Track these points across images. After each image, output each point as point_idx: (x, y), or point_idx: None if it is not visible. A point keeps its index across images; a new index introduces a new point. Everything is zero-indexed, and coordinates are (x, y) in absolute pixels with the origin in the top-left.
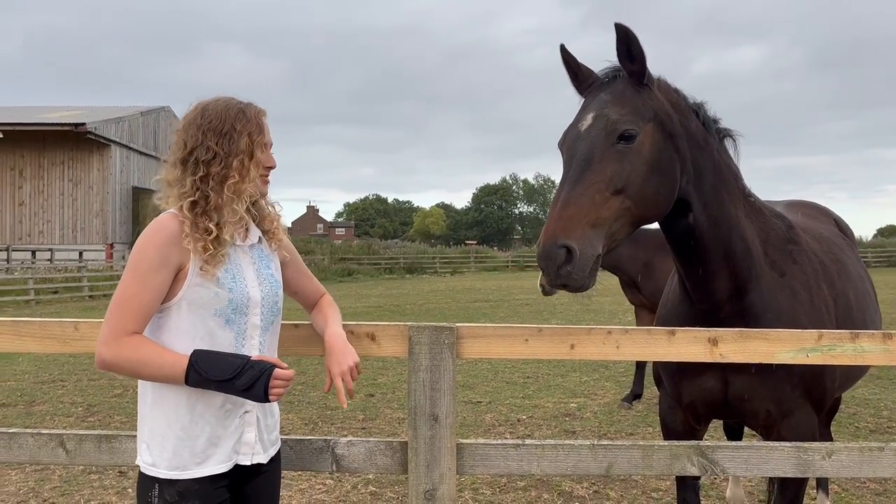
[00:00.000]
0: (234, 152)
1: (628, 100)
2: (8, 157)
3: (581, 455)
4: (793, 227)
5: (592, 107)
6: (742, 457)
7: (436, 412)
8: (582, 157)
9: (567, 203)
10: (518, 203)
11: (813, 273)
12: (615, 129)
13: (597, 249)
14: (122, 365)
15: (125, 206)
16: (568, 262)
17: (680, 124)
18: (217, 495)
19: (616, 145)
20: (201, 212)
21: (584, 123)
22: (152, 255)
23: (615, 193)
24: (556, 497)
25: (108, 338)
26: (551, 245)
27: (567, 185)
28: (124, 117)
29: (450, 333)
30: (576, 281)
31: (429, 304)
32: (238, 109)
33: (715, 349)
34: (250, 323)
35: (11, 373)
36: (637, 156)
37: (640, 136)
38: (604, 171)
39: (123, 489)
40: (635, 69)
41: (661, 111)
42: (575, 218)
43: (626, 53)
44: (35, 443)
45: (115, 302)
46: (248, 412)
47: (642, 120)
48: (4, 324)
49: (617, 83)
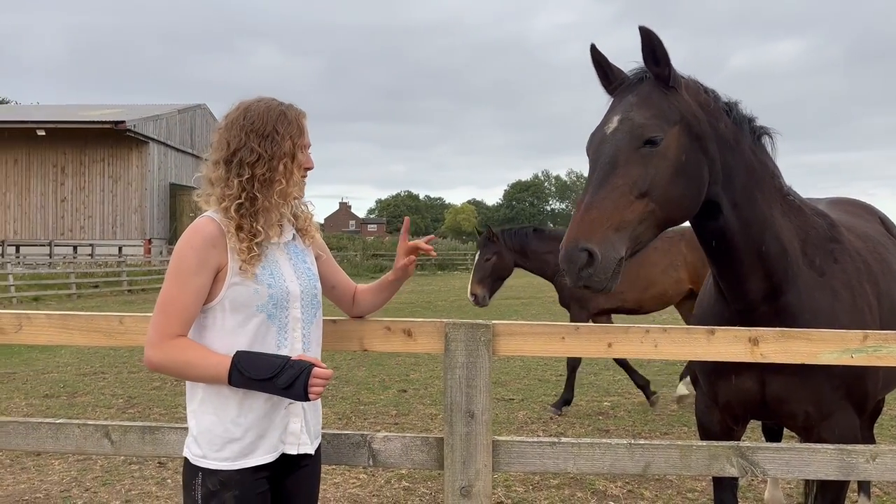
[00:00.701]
0: (277, 155)
1: (654, 102)
2: (50, 154)
3: (618, 454)
4: (835, 226)
5: (618, 109)
6: (783, 458)
7: (472, 409)
8: (606, 161)
9: (590, 206)
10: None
11: (855, 272)
12: (640, 132)
13: (619, 252)
14: (170, 367)
15: (163, 202)
16: (589, 264)
17: (708, 125)
18: (257, 485)
19: (640, 149)
20: (247, 213)
21: (609, 126)
22: (191, 258)
23: (639, 197)
24: (589, 496)
25: (154, 341)
26: (572, 248)
27: (591, 189)
28: (162, 115)
29: (486, 330)
30: (597, 283)
31: (460, 301)
32: (280, 112)
33: (756, 349)
34: (291, 316)
35: (54, 364)
36: (662, 159)
37: (666, 139)
38: (628, 174)
39: (163, 479)
40: (660, 72)
41: (688, 113)
42: (597, 221)
43: (650, 56)
44: (81, 433)
45: (159, 306)
46: (292, 403)
47: (668, 123)
48: (53, 317)
49: (643, 85)
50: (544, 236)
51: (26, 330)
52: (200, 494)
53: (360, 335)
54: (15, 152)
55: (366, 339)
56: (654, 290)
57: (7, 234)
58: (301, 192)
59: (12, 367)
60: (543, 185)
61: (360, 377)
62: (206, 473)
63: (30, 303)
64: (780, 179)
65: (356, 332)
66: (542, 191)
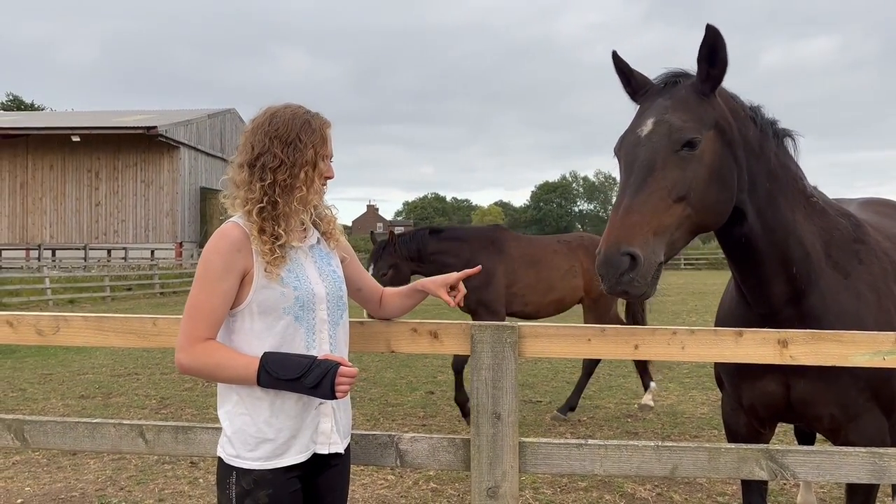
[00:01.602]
0: (299, 162)
1: (691, 106)
2: (85, 159)
3: (645, 456)
4: (860, 226)
5: (652, 112)
6: (814, 461)
7: (498, 410)
8: (643, 163)
9: (630, 210)
10: (578, 201)
11: (881, 273)
12: (679, 135)
13: (659, 257)
14: (200, 369)
15: (193, 206)
16: (631, 268)
17: (738, 132)
18: (289, 485)
19: (679, 152)
20: (269, 217)
21: (643, 129)
22: (217, 262)
23: (677, 201)
24: (618, 498)
25: (184, 345)
26: (614, 252)
27: (629, 192)
28: (192, 120)
29: (512, 332)
30: (637, 288)
31: None
32: (304, 120)
33: (785, 351)
34: (318, 318)
35: (90, 366)
36: (699, 163)
37: (703, 143)
38: (666, 177)
39: (195, 479)
40: (715, 73)
41: (722, 119)
42: (638, 225)
43: (708, 56)
44: (117, 433)
45: (187, 310)
46: (322, 403)
47: (705, 127)
48: (89, 319)
49: (678, 89)
50: (442, 237)
51: (64, 332)
52: (235, 493)
53: (386, 337)
54: (51, 158)
55: (392, 340)
56: (553, 296)
57: (43, 237)
58: (321, 200)
59: (49, 369)
60: (571, 186)
61: (387, 379)
62: (241, 473)
63: (65, 305)
64: (804, 181)
65: (383, 333)
66: (570, 192)
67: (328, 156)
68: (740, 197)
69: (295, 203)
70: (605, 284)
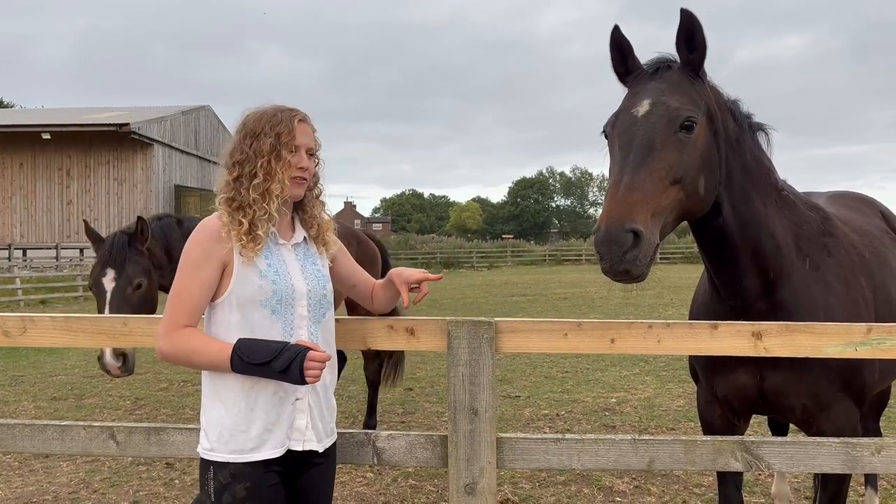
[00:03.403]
0: (260, 153)
1: (685, 90)
2: (56, 157)
3: (622, 450)
4: (829, 219)
5: (647, 94)
6: (788, 452)
7: (475, 406)
8: (642, 143)
9: (631, 187)
10: (555, 196)
11: (850, 265)
12: (677, 117)
13: (657, 238)
14: (178, 355)
15: (168, 203)
16: (635, 246)
17: (721, 123)
18: (267, 479)
19: (677, 133)
20: (237, 207)
21: (639, 109)
22: (196, 251)
23: (673, 183)
24: (596, 492)
25: (163, 331)
26: (618, 228)
27: (629, 170)
28: (166, 117)
29: (488, 328)
30: (639, 268)
31: (465, 299)
32: (272, 113)
33: (759, 343)
34: (297, 314)
35: (62, 367)
36: (693, 147)
37: (696, 128)
38: (665, 158)
39: (170, 480)
40: (694, 58)
41: (711, 106)
42: (640, 203)
43: (686, 41)
44: (87, 435)
45: (169, 299)
46: (299, 399)
47: (700, 112)
48: (57, 320)
49: (671, 73)
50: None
51: (31, 332)
52: (213, 488)
53: (362, 334)
54: (20, 156)
55: (369, 337)
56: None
57: (14, 237)
58: (289, 192)
59: (20, 371)
60: (548, 181)
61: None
62: (217, 467)
63: (37, 306)
64: (775, 175)
65: (359, 330)
66: (547, 188)
67: (298, 146)
68: (718, 189)
69: (254, 192)
70: (606, 264)
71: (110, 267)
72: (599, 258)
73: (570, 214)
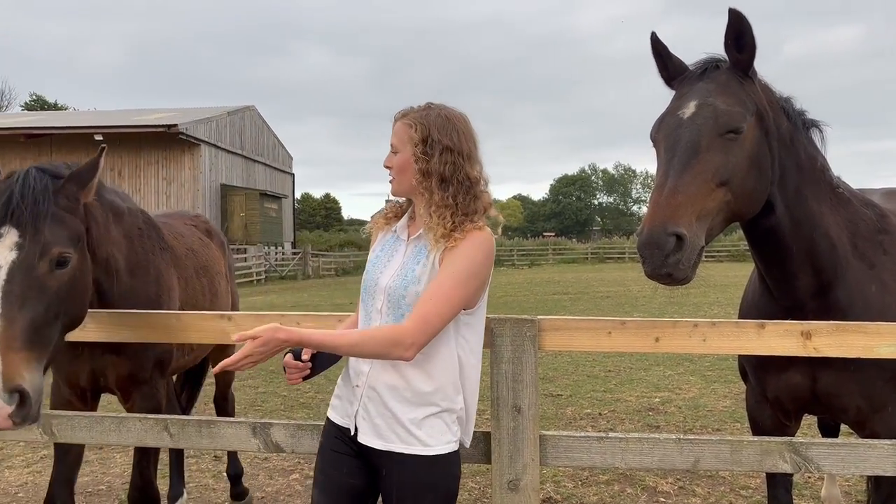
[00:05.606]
0: None
1: (733, 91)
2: (107, 158)
3: (667, 449)
4: (885, 216)
5: (693, 95)
6: (838, 454)
7: (518, 403)
8: (687, 145)
9: (675, 190)
10: (597, 194)
11: None
12: (724, 119)
13: (701, 241)
14: None
15: (214, 202)
16: (678, 250)
17: (773, 122)
18: (334, 443)
19: (724, 136)
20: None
21: (685, 111)
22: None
23: (719, 185)
24: (639, 492)
25: None
26: (660, 232)
27: (673, 173)
28: (212, 118)
29: (531, 326)
30: (682, 272)
31: (507, 297)
32: None
33: (808, 343)
34: (374, 307)
35: None
36: (741, 149)
37: (745, 129)
38: (711, 160)
39: (219, 472)
40: (743, 59)
41: (761, 106)
42: (683, 206)
43: (734, 42)
44: (142, 426)
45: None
46: (357, 387)
47: (748, 112)
48: (113, 315)
49: (719, 73)
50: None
51: (89, 327)
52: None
53: None
54: (74, 157)
55: None
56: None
57: None
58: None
59: None
60: (590, 178)
61: None
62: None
63: None
64: (830, 173)
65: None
66: (590, 185)
67: (391, 145)
68: (771, 188)
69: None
70: (648, 267)
71: (10, 224)
72: (642, 261)
73: (612, 212)
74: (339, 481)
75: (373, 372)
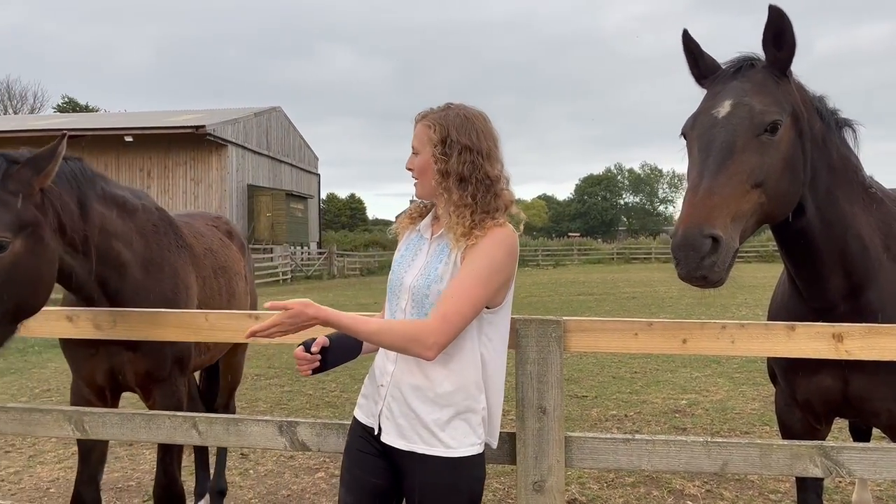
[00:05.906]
0: None
1: (770, 90)
2: (137, 159)
3: (694, 452)
4: None
5: (728, 94)
6: (870, 459)
7: (544, 404)
8: (722, 145)
9: (710, 191)
10: (623, 193)
11: None
12: (761, 119)
13: (736, 243)
14: None
15: (241, 203)
16: (713, 252)
17: (807, 123)
18: (359, 442)
19: (760, 136)
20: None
21: (720, 111)
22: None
23: (754, 187)
24: (666, 494)
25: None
26: (696, 233)
27: (708, 174)
28: (239, 119)
29: (557, 326)
30: (717, 274)
31: (531, 297)
32: None
33: (840, 346)
34: (399, 307)
35: None
36: (776, 150)
37: (781, 130)
38: (746, 161)
39: (245, 470)
40: (782, 57)
41: (797, 107)
42: (719, 207)
43: (773, 39)
44: (171, 424)
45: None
46: (382, 386)
47: (784, 113)
48: (145, 314)
49: (754, 72)
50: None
51: (121, 326)
52: None
53: None
54: (105, 158)
55: None
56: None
57: None
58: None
59: None
60: (616, 178)
61: None
62: None
63: None
64: (862, 173)
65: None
66: (616, 184)
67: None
68: (802, 190)
69: None
70: (683, 269)
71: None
72: (676, 263)
73: (638, 212)
74: (364, 481)
75: (397, 371)
